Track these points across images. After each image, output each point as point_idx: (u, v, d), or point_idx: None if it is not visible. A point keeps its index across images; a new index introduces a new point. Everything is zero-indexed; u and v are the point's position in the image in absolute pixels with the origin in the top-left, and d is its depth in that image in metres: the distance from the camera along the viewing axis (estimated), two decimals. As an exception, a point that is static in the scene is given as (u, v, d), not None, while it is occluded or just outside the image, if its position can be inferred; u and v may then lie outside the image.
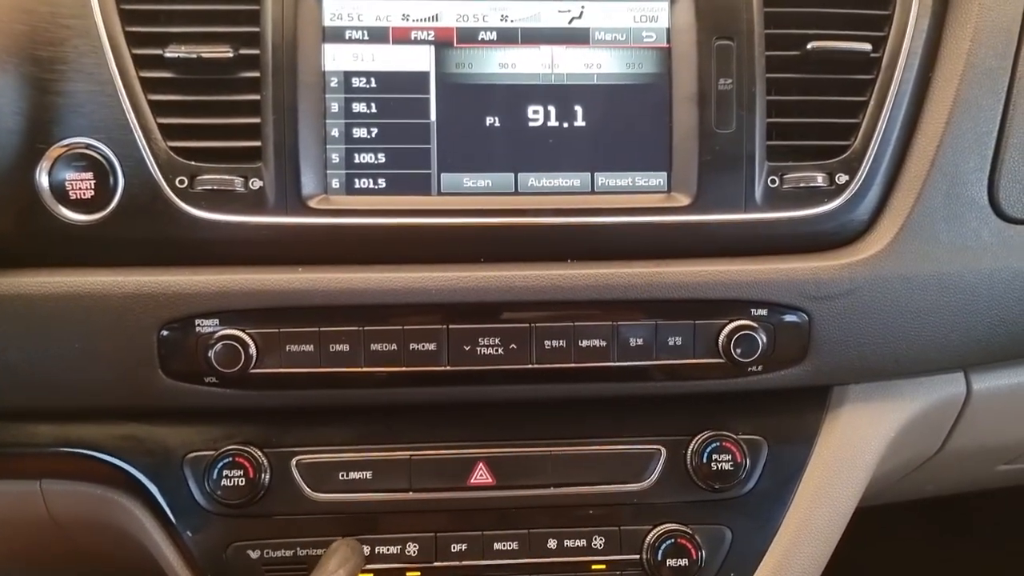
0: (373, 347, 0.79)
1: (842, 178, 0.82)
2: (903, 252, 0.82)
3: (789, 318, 0.81)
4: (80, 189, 0.77)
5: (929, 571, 1.51)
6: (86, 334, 0.78)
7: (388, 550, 0.83)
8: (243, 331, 0.78)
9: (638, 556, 0.84)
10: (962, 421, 0.93)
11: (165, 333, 0.78)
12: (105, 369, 0.78)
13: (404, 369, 0.79)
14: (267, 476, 0.82)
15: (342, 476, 0.83)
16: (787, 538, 0.85)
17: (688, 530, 0.84)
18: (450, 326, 0.79)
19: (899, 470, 0.96)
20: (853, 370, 0.84)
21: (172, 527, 0.83)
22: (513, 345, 0.79)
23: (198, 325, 0.78)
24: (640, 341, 0.80)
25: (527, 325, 0.80)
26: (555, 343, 0.80)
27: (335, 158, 0.80)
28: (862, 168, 0.82)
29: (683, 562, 0.83)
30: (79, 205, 0.77)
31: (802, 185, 0.82)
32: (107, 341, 0.78)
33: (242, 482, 0.81)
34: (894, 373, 0.87)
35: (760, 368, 0.82)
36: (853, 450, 0.86)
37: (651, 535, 0.84)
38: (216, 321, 0.78)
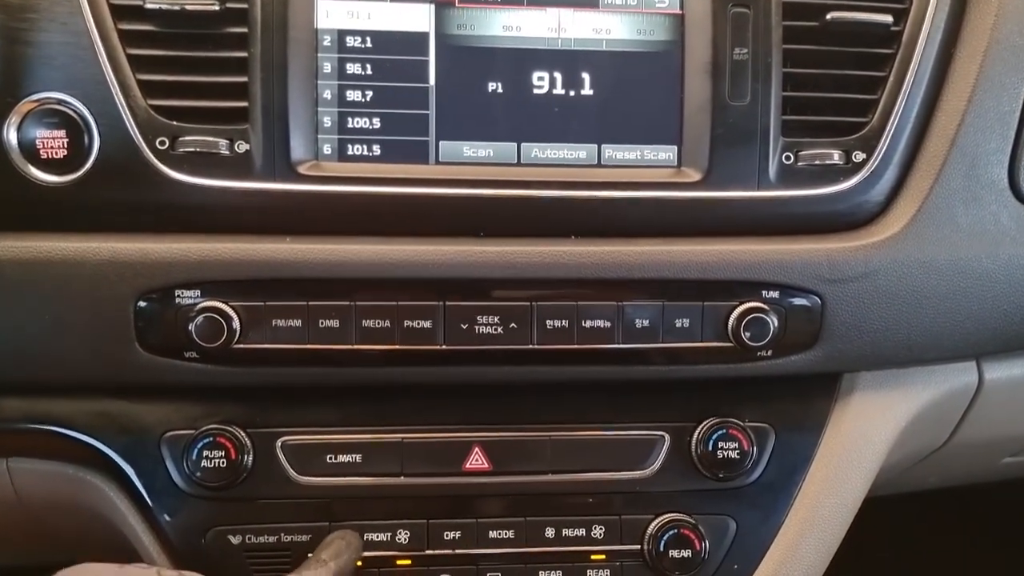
0: (365, 324, 0.75)
1: (859, 156, 0.79)
2: (920, 235, 0.79)
3: (801, 301, 0.78)
4: (52, 148, 0.72)
5: (935, 562, 1.50)
6: (57, 303, 0.73)
7: (378, 537, 0.80)
8: (226, 303, 0.74)
9: (639, 546, 0.81)
10: (972, 411, 0.91)
11: (142, 304, 0.74)
12: (77, 341, 0.74)
13: (397, 347, 0.75)
14: (250, 458, 0.78)
15: (330, 459, 0.80)
16: (793, 530, 0.82)
17: (691, 520, 0.81)
18: (447, 303, 0.75)
19: (906, 461, 0.94)
20: (865, 357, 0.81)
21: (148, 510, 0.79)
22: (513, 324, 0.76)
23: (178, 296, 0.74)
24: (646, 323, 0.77)
25: (528, 304, 0.76)
26: (557, 323, 0.76)
27: (327, 122, 0.76)
28: (880, 146, 0.79)
29: (686, 553, 0.80)
30: (51, 165, 0.73)
31: (817, 162, 0.79)
32: (80, 311, 0.73)
33: (223, 463, 0.77)
34: (906, 361, 0.84)
35: (769, 353, 0.79)
36: (863, 440, 0.84)
37: (653, 525, 0.81)
38: (197, 292, 0.74)
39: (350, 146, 0.76)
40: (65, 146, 0.72)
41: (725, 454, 0.80)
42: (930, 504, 1.39)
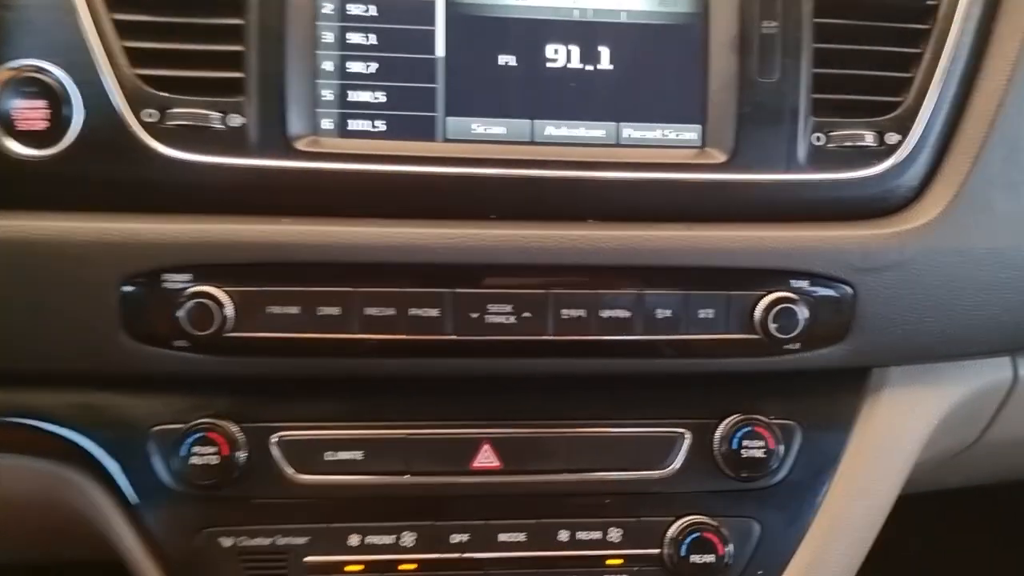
0: (367, 311, 0.70)
1: (893, 138, 0.75)
2: (957, 222, 0.75)
3: (832, 291, 0.74)
4: (30, 119, 0.68)
5: (955, 560, 1.47)
6: (36, 287, 0.68)
7: (381, 540, 0.75)
8: (219, 288, 0.69)
9: (658, 550, 0.76)
10: (1006, 409, 0.87)
11: (128, 289, 0.69)
12: (58, 328, 0.69)
13: (403, 337, 0.71)
14: (243, 454, 0.73)
15: (329, 456, 0.75)
16: (821, 533, 0.78)
17: (714, 523, 0.76)
18: (456, 290, 0.71)
19: (934, 460, 0.90)
20: (897, 351, 0.77)
21: (134, 510, 0.74)
22: (527, 313, 0.71)
23: (166, 280, 0.69)
24: (668, 313, 0.72)
25: (543, 291, 0.71)
26: (574, 312, 0.72)
27: (327, 95, 0.71)
28: (915, 128, 0.75)
29: (709, 558, 0.75)
30: (29, 138, 0.68)
31: (848, 144, 0.75)
32: (61, 296, 0.69)
33: (215, 460, 0.72)
34: (940, 355, 0.80)
35: (797, 346, 0.74)
36: (893, 438, 0.80)
37: (673, 528, 0.76)
38: (188, 276, 0.69)
39: (351, 121, 0.72)
40: (45, 117, 0.68)
41: (750, 453, 0.75)
42: (950, 502, 1.35)
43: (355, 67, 0.71)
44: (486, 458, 0.76)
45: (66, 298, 0.69)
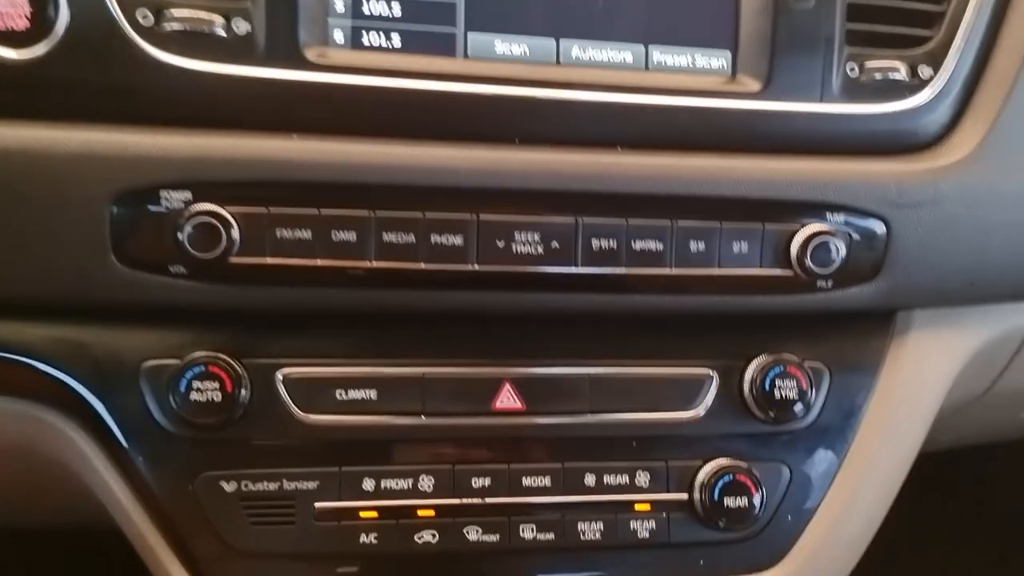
0: (386, 238, 0.65)
1: (925, 71, 0.73)
2: (989, 160, 0.73)
3: (867, 226, 0.71)
4: (10, 16, 0.60)
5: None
6: (15, 204, 0.61)
7: (397, 484, 0.70)
8: (224, 207, 0.62)
9: (686, 495, 0.73)
10: (1018, 357, 0.86)
11: (119, 208, 0.62)
12: (40, 251, 0.62)
13: (423, 266, 0.66)
14: (246, 392, 0.67)
15: (340, 395, 0.69)
16: (849, 479, 0.75)
17: (745, 465, 0.73)
18: (480, 217, 0.66)
19: (946, 411, 0.88)
20: (926, 292, 0.75)
21: (123, 454, 0.67)
22: (555, 243, 0.67)
23: (165, 198, 0.62)
24: (701, 246, 0.69)
25: (572, 219, 0.67)
26: (604, 243, 0.67)
27: (339, 5, 0.66)
28: (947, 61, 0.73)
29: (741, 502, 0.72)
30: (8, 38, 0.61)
31: (879, 76, 0.72)
32: (43, 215, 0.62)
33: (217, 398, 0.66)
34: (967, 298, 0.78)
35: (830, 284, 0.71)
36: (919, 383, 0.78)
37: (703, 471, 0.73)
38: (188, 194, 0.62)
39: (365, 34, 0.66)
40: (27, 16, 0.60)
41: (783, 393, 0.72)
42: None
43: None
44: (508, 399, 0.71)
45: (49, 217, 0.62)
